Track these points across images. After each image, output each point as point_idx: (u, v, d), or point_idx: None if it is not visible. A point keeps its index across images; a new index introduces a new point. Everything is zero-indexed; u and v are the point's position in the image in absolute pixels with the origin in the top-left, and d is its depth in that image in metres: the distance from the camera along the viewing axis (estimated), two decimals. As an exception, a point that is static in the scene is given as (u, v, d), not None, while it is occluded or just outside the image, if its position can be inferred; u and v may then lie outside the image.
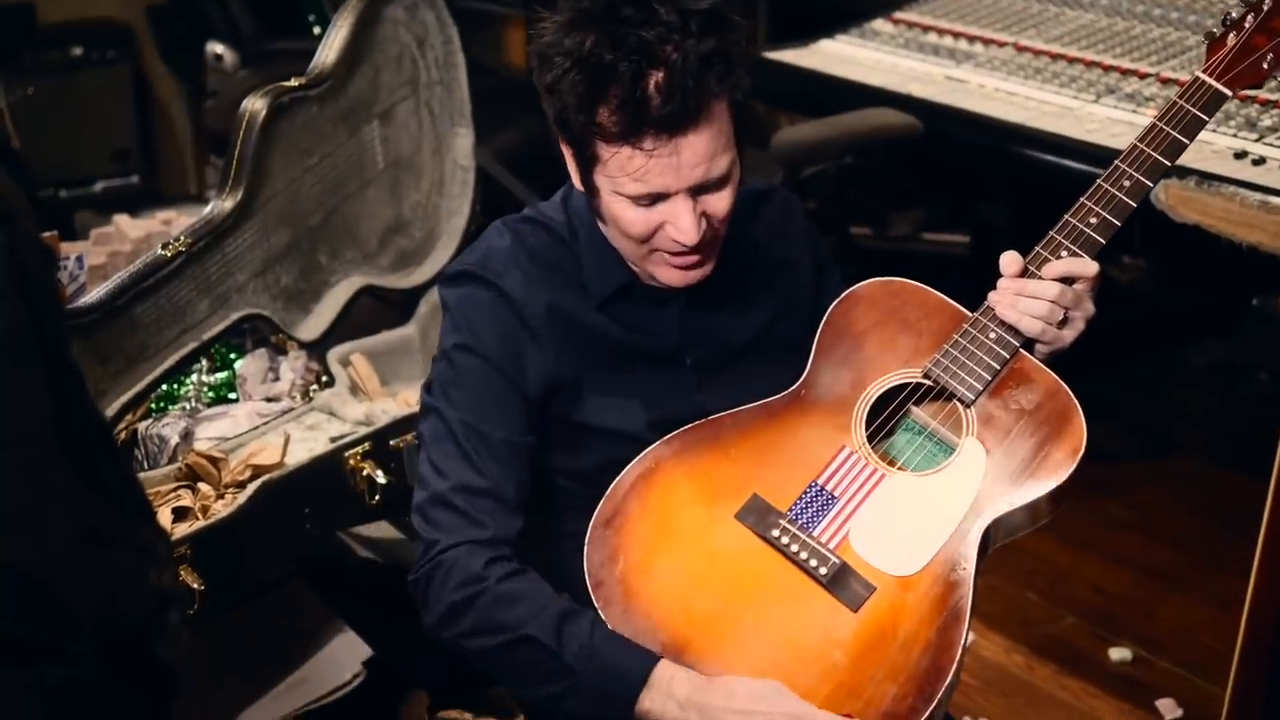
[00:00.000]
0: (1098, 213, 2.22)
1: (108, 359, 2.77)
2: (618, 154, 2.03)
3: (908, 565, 2.04)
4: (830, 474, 2.12)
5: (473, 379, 2.20)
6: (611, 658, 2.05)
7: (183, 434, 2.86)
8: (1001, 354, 2.16)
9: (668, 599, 2.05)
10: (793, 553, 2.06)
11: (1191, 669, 3.50)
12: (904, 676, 1.97)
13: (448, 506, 2.14)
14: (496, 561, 2.11)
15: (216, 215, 2.95)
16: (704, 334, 2.27)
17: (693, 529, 2.11)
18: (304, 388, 3.09)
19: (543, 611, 2.07)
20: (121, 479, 1.61)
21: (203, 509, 2.63)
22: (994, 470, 2.09)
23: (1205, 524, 4.07)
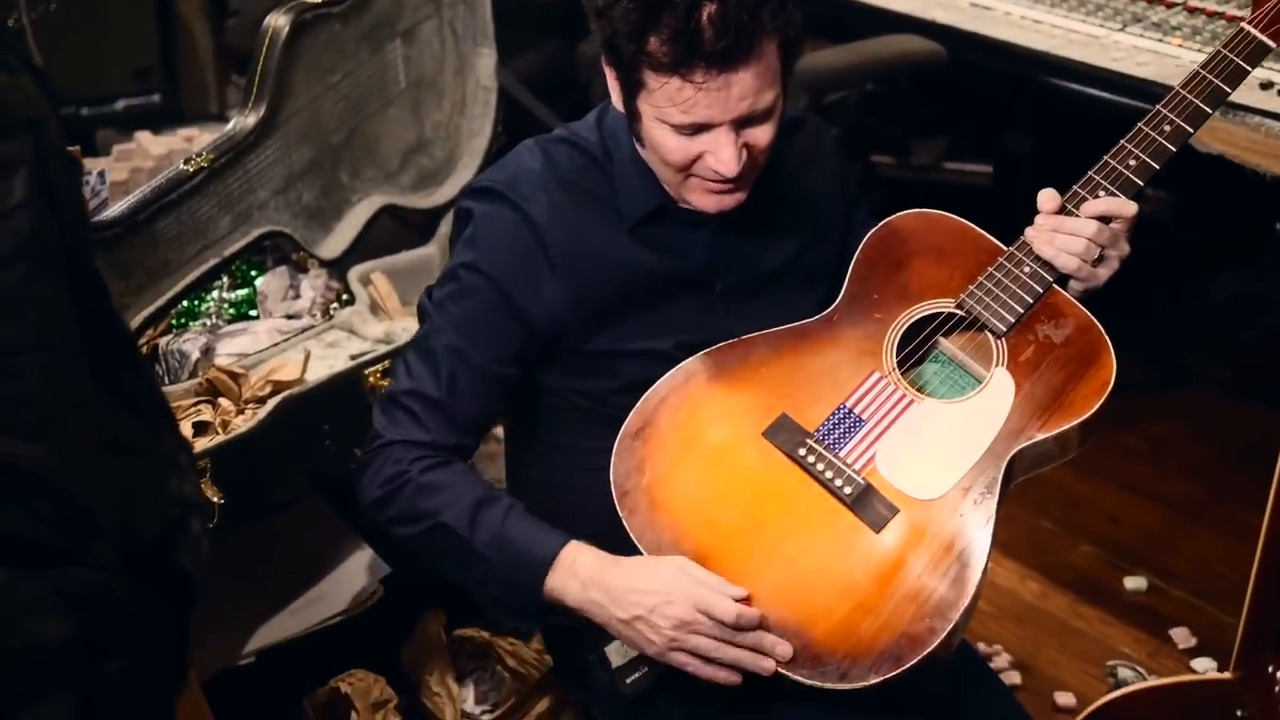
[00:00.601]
0: (1137, 155, 2.24)
1: (129, 274, 2.77)
2: (666, 84, 2.03)
3: (932, 490, 2.06)
4: (859, 397, 2.13)
5: (472, 300, 2.22)
6: (519, 543, 2.10)
7: (203, 349, 2.86)
8: (1035, 288, 2.17)
9: (692, 511, 2.07)
10: (818, 471, 2.08)
11: (1206, 598, 3.51)
12: (923, 598, 1.99)
13: (399, 406, 2.22)
14: (421, 459, 2.18)
15: (239, 131, 2.95)
16: (735, 259, 2.28)
17: (720, 444, 2.13)
18: (324, 306, 3.09)
19: (458, 501, 2.13)
20: (145, 388, 1.61)
21: (222, 424, 2.64)
22: (1022, 401, 2.10)
23: (1221, 455, 4.07)
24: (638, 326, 2.24)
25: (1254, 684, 1.79)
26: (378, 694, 2.77)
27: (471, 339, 2.21)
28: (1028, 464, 2.13)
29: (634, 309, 2.24)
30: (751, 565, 2.03)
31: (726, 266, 2.28)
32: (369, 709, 2.74)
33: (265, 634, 2.89)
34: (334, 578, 2.99)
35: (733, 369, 2.19)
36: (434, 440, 2.20)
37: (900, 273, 2.26)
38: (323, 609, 2.94)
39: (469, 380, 2.21)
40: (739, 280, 2.29)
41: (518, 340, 2.22)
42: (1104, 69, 3.33)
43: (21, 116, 1.41)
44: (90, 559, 1.43)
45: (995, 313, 2.17)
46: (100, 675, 1.46)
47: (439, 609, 2.96)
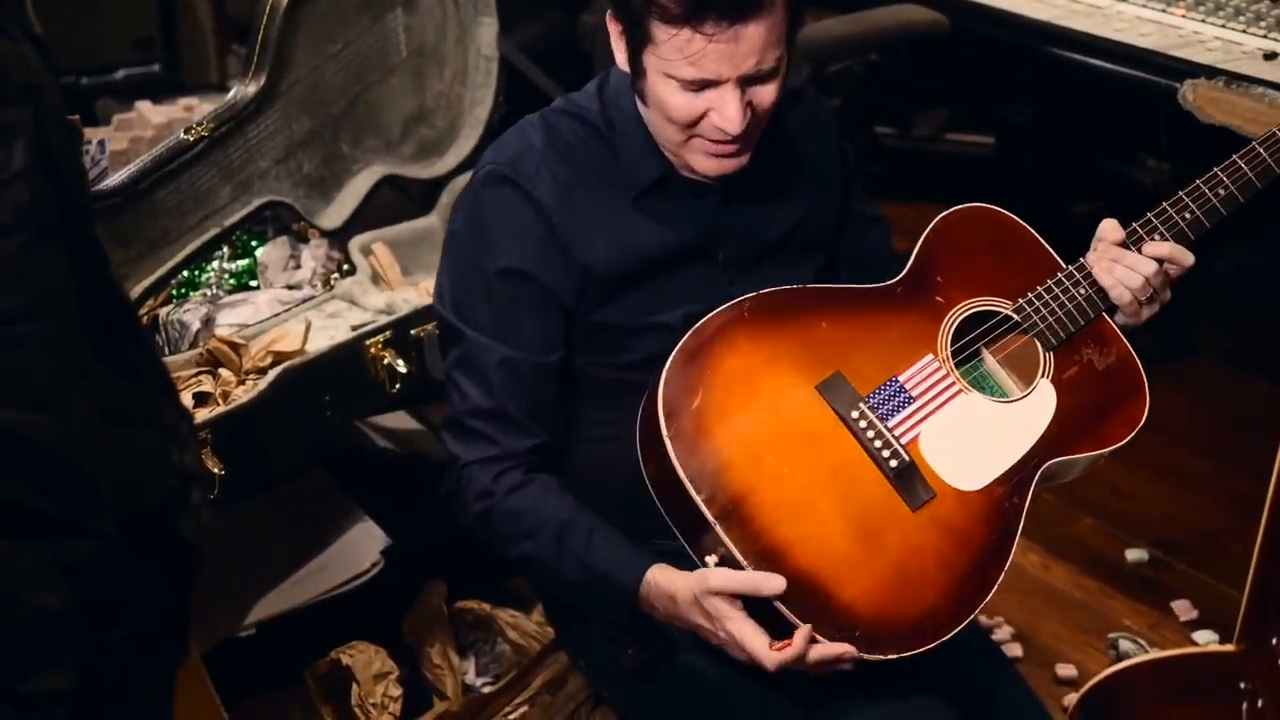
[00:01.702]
0: (1192, 209, 2.29)
1: (129, 243, 2.77)
2: (675, 36, 2.02)
3: (970, 482, 2.08)
4: (911, 375, 2.15)
5: (502, 298, 2.20)
6: (603, 571, 2.12)
7: (204, 320, 2.86)
8: (1089, 311, 2.22)
9: (739, 446, 2.07)
10: (867, 438, 2.09)
11: (1207, 570, 3.50)
12: (947, 587, 2.02)
13: (465, 428, 2.21)
14: (503, 475, 2.18)
15: (239, 100, 2.94)
16: (737, 228, 2.27)
17: (774, 387, 2.13)
18: (325, 276, 3.09)
19: (541, 530, 2.15)
20: (145, 358, 1.61)
21: (223, 394, 2.64)
22: (1061, 416, 2.15)
23: (1224, 427, 4.06)
24: (644, 299, 2.23)
25: (1257, 656, 1.79)
26: (379, 666, 2.77)
27: (513, 339, 2.19)
28: (1049, 477, 2.16)
29: (640, 282, 2.22)
30: (788, 514, 2.03)
31: (729, 236, 2.27)
32: (370, 680, 2.75)
33: (266, 605, 2.90)
34: (335, 549, 3.00)
35: (793, 315, 2.19)
36: (508, 451, 2.20)
37: (965, 262, 2.28)
38: (324, 580, 2.94)
39: (521, 381, 2.20)
40: (741, 250, 2.28)
41: (557, 322, 2.21)
42: (1106, 39, 3.32)
43: (21, 84, 1.40)
44: (91, 529, 1.42)
45: (1050, 325, 2.21)
46: (102, 645, 1.46)
47: (440, 581, 2.96)
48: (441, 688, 2.83)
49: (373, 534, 3.00)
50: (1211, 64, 3.08)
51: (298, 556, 2.97)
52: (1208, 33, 3.26)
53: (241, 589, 2.90)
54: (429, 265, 3.19)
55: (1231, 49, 3.16)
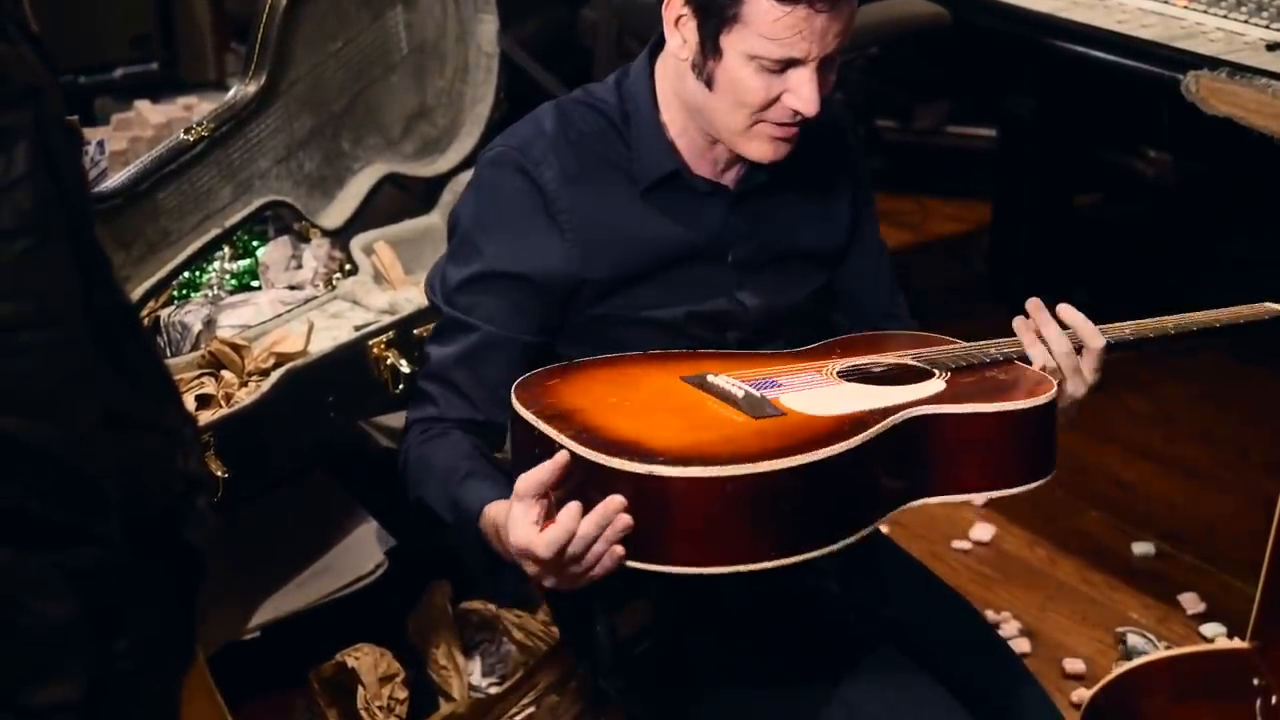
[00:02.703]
0: (1131, 326, 2.29)
1: (130, 245, 2.75)
2: (777, 15, 2.02)
3: (823, 410, 2.01)
4: (788, 375, 2.12)
5: (482, 282, 2.20)
6: (461, 503, 2.07)
7: (205, 321, 2.84)
8: (997, 357, 2.16)
9: (584, 396, 2.06)
10: (718, 387, 2.06)
11: (1214, 563, 3.50)
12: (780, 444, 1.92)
13: (420, 390, 2.25)
14: (425, 431, 2.20)
15: (239, 100, 2.92)
16: (748, 232, 2.27)
17: (634, 378, 2.13)
18: (327, 276, 3.07)
19: (432, 475, 2.14)
20: (148, 361, 1.60)
21: (226, 397, 2.62)
22: (945, 392, 2.06)
23: (1227, 418, 4.07)
24: (646, 294, 2.23)
25: (1271, 653, 1.78)
26: (384, 668, 2.76)
27: (485, 317, 2.20)
28: (938, 449, 2.02)
29: (645, 275, 2.22)
30: (622, 416, 1.99)
31: (739, 239, 2.26)
32: (376, 683, 2.73)
33: (271, 608, 2.88)
34: (339, 551, 2.98)
35: (681, 354, 2.21)
36: (445, 415, 2.21)
37: (868, 342, 2.29)
38: (328, 582, 2.93)
39: (480, 354, 2.20)
40: (751, 253, 2.28)
41: (542, 314, 2.21)
42: (1108, 31, 3.32)
43: (22, 86, 1.38)
44: (95, 536, 1.41)
45: (949, 359, 2.16)
46: (108, 654, 1.45)
47: (445, 581, 2.95)
48: (447, 689, 2.82)
49: (377, 535, 2.99)
50: (1214, 55, 3.08)
51: (301, 558, 2.96)
52: (1210, 24, 3.25)
53: (245, 592, 2.88)
54: (431, 264, 3.17)
55: (1234, 40, 3.16)
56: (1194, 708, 1.77)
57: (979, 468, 2.04)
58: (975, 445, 2.03)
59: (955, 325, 4.32)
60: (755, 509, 1.85)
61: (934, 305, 4.50)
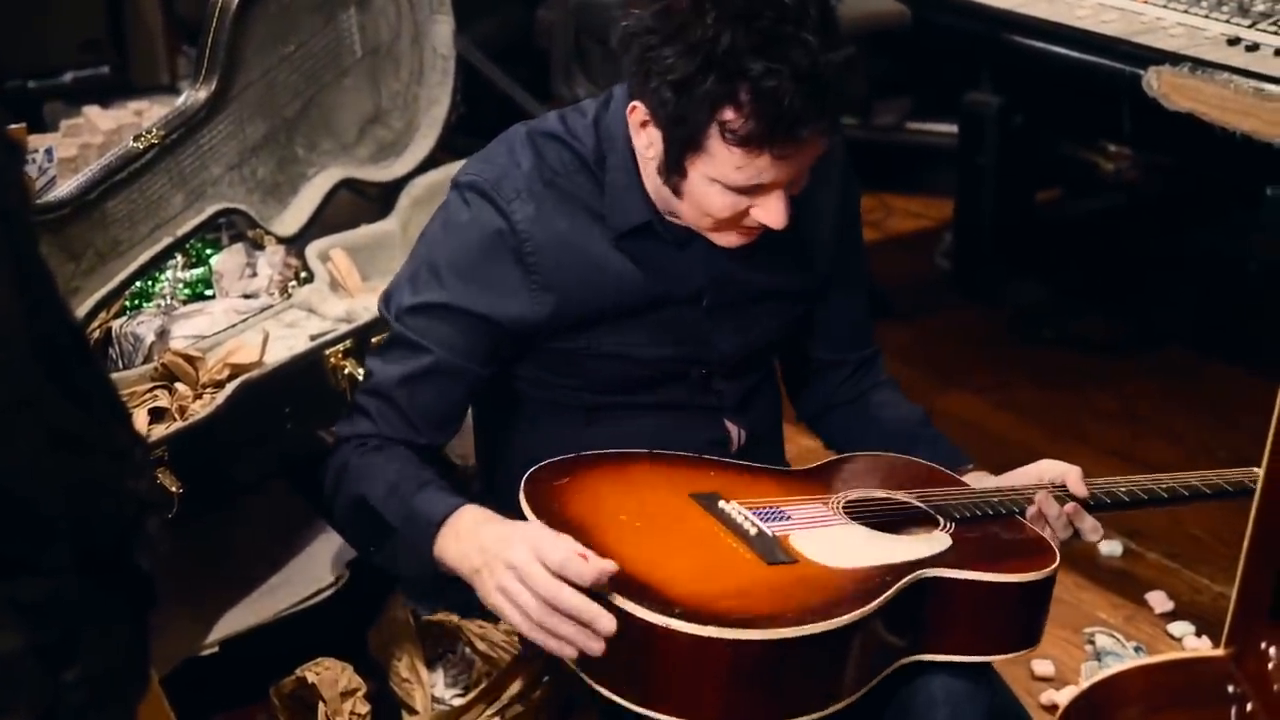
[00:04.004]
0: (1127, 487, 2.38)
1: (79, 255, 2.70)
2: (740, 155, 1.98)
3: (835, 563, 2.00)
4: (796, 506, 2.10)
5: (436, 311, 2.18)
6: (421, 510, 2.08)
7: (158, 332, 2.80)
8: (1000, 510, 2.17)
9: (591, 512, 2.02)
10: (729, 518, 2.03)
11: (1180, 560, 3.48)
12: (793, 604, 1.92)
13: (358, 406, 2.23)
14: (364, 444, 2.18)
15: (190, 106, 2.88)
16: (724, 279, 2.24)
17: (643, 487, 2.10)
18: (282, 284, 3.02)
19: (381, 479, 2.12)
20: (96, 382, 1.55)
21: (180, 409, 2.57)
22: (952, 551, 2.05)
23: (1195, 416, 4.05)
24: (617, 333, 2.21)
25: (1247, 660, 1.75)
26: (345, 682, 2.71)
27: (437, 342, 2.18)
28: (936, 611, 2.02)
29: (615, 315, 2.20)
30: (629, 546, 1.96)
31: (715, 286, 2.24)
32: (337, 698, 2.68)
33: (229, 623, 2.83)
34: (298, 564, 2.93)
35: (686, 461, 2.19)
36: (381, 433, 2.19)
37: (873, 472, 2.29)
38: (287, 596, 2.88)
39: (429, 378, 2.18)
40: (727, 298, 2.26)
41: (485, 343, 2.19)
42: (1069, 26, 3.31)
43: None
44: (43, 566, 1.37)
45: (954, 508, 2.15)
46: (57, 685, 1.41)
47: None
48: (410, 702, 2.77)
49: (337, 547, 2.94)
50: (1176, 50, 3.07)
51: (260, 572, 2.91)
52: (1170, 19, 3.24)
53: (203, 606, 2.83)
54: (388, 270, 3.13)
55: (1195, 35, 3.15)
56: (1169, 716, 1.74)
57: (975, 631, 2.05)
58: (976, 610, 2.04)
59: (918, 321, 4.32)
60: (758, 671, 1.86)
61: (897, 302, 4.48)
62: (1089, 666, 3.05)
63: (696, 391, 2.30)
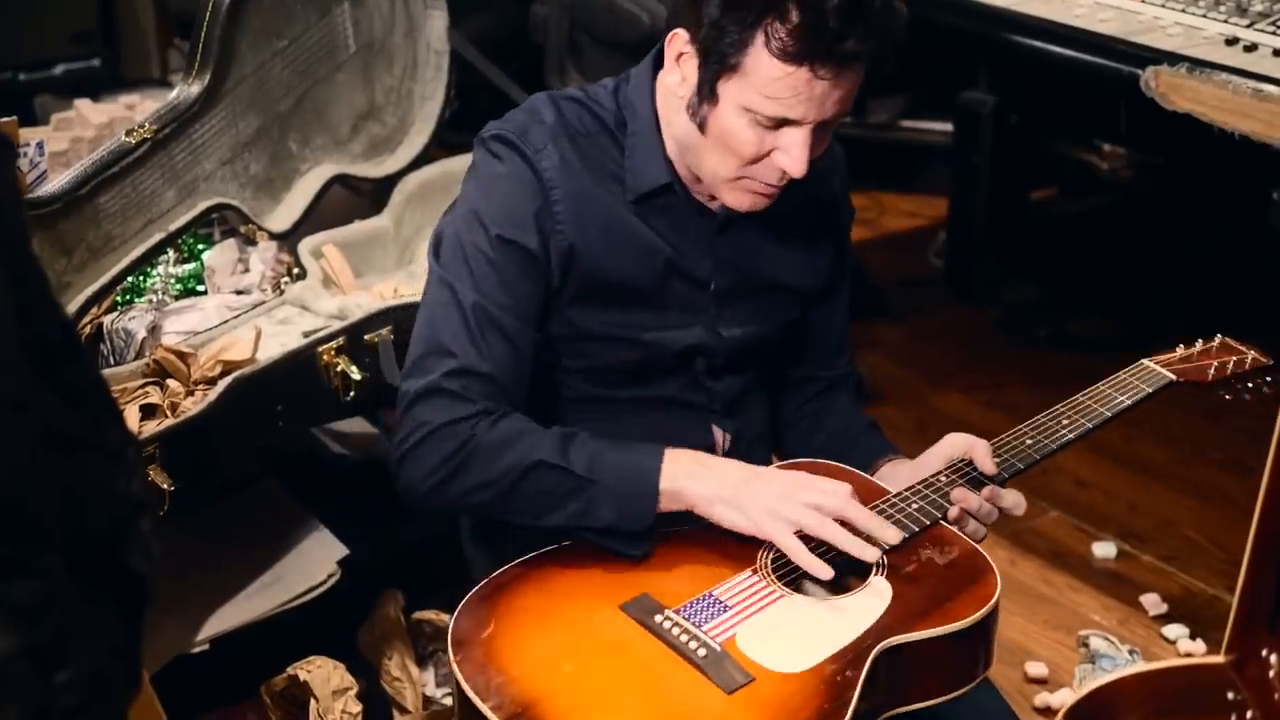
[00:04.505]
0: (1034, 437, 2.28)
1: (71, 251, 2.69)
2: (781, 72, 1.97)
3: (793, 665, 1.92)
4: (728, 589, 2.02)
5: (493, 259, 2.13)
6: (623, 457, 2.05)
7: (149, 328, 2.78)
8: (922, 520, 2.10)
9: (531, 662, 1.93)
10: (672, 635, 1.95)
11: (1174, 563, 3.48)
12: None
13: (440, 392, 2.08)
14: (481, 420, 2.07)
15: (183, 100, 2.86)
16: (733, 260, 2.24)
17: (573, 611, 2.01)
18: (274, 280, 3.00)
19: (542, 440, 2.06)
20: (87, 380, 1.54)
21: (171, 406, 2.56)
22: (897, 605, 1.99)
23: (1185, 415, 4.04)
24: (620, 310, 2.19)
25: (1248, 667, 1.74)
26: (337, 681, 2.70)
27: (498, 300, 2.11)
28: (899, 674, 1.97)
29: (626, 288, 2.18)
30: (585, 713, 1.88)
31: (724, 266, 2.23)
32: (329, 696, 2.67)
33: (220, 620, 2.82)
34: (290, 560, 2.92)
35: (598, 554, 2.09)
36: (486, 408, 2.08)
37: None
38: (279, 593, 2.87)
39: (507, 343, 2.11)
40: (733, 283, 2.25)
41: (540, 298, 2.15)
42: (1066, 25, 3.29)
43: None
44: (35, 568, 1.35)
45: None
46: (49, 688, 1.39)
47: (397, 591, 2.89)
48: (401, 701, 2.76)
49: (329, 544, 2.93)
50: (1173, 50, 3.05)
51: (252, 569, 2.90)
52: (1168, 18, 3.22)
53: (194, 604, 2.82)
54: (382, 267, 3.12)
55: (1193, 34, 3.13)
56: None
57: (936, 676, 2.01)
58: (936, 660, 1.99)
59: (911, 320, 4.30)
60: None
61: (890, 300, 4.47)
62: (1083, 669, 3.04)
63: (689, 388, 2.28)
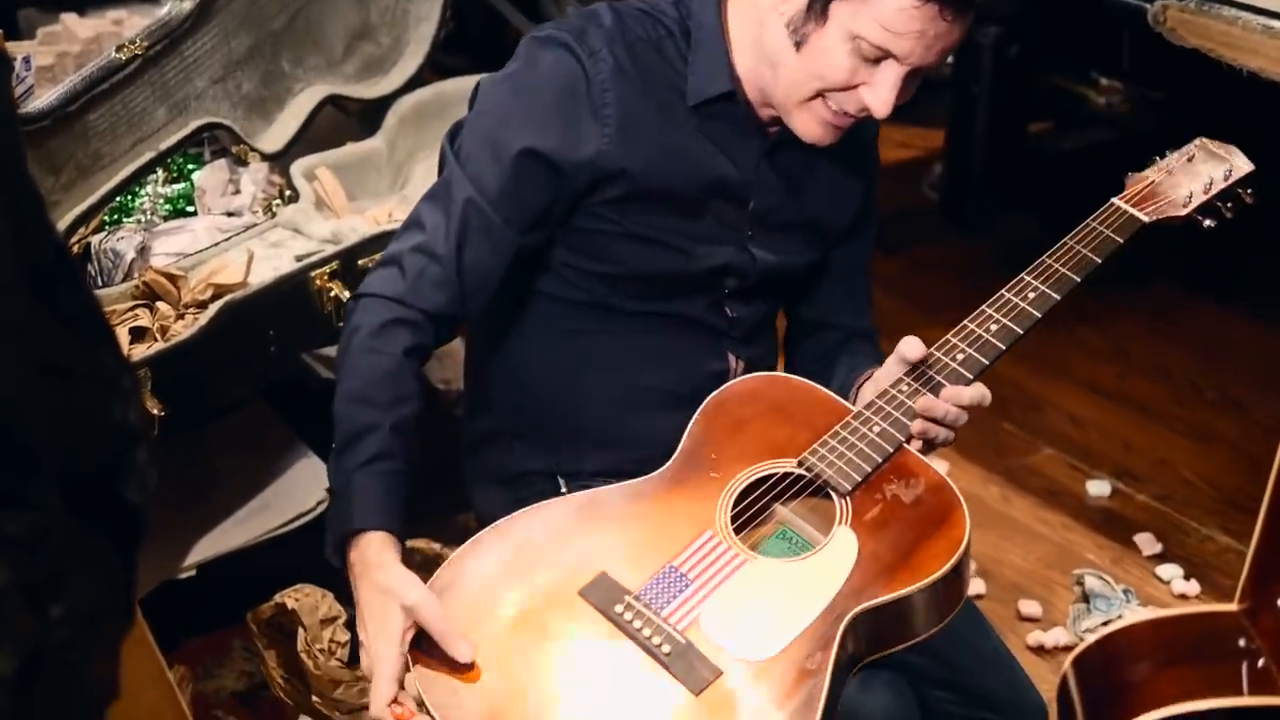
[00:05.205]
0: (999, 319, 2.11)
1: (59, 169, 2.63)
2: (906, 6, 1.96)
3: (760, 650, 1.87)
4: (687, 557, 1.96)
5: (506, 166, 2.11)
6: (349, 499, 1.99)
7: (138, 249, 2.72)
8: (884, 447, 2.03)
9: (490, 666, 1.88)
10: (635, 629, 1.89)
11: (1169, 502, 3.46)
12: None
13: (393, 261, 2.12)
14: (392, 325, 2.07)
15: (174, 16, 2.79)
16: (774, 186, 2.21)
17: (530, 604, 1.94)
18: (266, 201, 2.94)
19: (357, 413, 2.03)
20: (82, 305, 1.49)
21: (161, 330, 2.51)
22: (866, 560, 1.93)
23: (1181, 353, 4.02)
24: (664, 217, 2.17)
25: (1261, 616, 1.72)
26: (325, 609, 2.66)
27: (501, 204, 2.11)
28: (874, 632, 1.93)
29: (668, 195, 2.15)
30: None
31: (764, 190, 2.21)
32: (317, 625, 2.63)
33: (207, 546, 2.78)
34: (279, 486, 2.88)
35: (556, 526, 2.03)
36: (416, 302, 2.09)
37: (740, 433, 2.11)
38: (267, 519, 2.83)
39: (478, 239, 2.10)
40: (773, 206, 2.22)
41: (554, 207, 2.13)
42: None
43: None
44: (29, 500, 1.31)
45: (840, 471, 2.02)
46: (44, 622, 1.36)
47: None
48: (391, 631, 2.73)
49: (318, 471, 2.88)
50: (1185, -17, 3.00)
51: (240, 495, 2.86)
52: (1179, -49, 3.17)
53: (180, 529, 2.78)
54: (375, 191, 3.07)
55: (1202, -30, 3.08)
56: (1179, 671, 1.70)
57: (913, 625, 1.97)
58: (911, 611, 1.95)
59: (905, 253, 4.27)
60: None
61: (884, 233, 4.42)
62: (1077, 609, 3.02)
63: (712, 310, 2.25)
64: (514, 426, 2.31)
